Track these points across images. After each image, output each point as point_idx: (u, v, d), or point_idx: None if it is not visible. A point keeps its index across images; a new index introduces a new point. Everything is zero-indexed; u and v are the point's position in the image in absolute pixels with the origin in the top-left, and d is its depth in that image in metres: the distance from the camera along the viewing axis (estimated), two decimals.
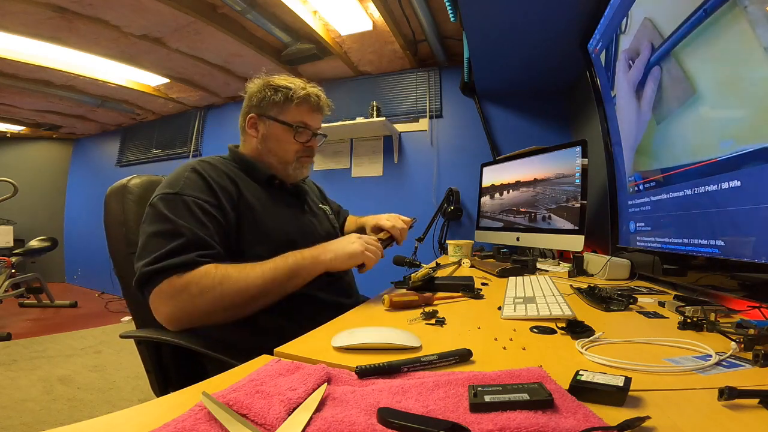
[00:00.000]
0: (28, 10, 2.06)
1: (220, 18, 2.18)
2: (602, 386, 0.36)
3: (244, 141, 0.99)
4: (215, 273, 0.68)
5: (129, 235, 0.86)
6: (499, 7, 1.47)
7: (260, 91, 0.93)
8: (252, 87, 0.96)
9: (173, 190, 0.76)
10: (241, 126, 0.98)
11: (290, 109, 0.93)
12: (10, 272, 3.13)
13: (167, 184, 0.79)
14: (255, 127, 0.95)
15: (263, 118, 0.94)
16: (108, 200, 0.90)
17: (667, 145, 0.99)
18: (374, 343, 0.50)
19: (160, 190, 0.78)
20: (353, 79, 2.89)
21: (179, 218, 0.71)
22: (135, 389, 1.85)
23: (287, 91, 0.92)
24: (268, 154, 0.94)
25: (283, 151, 0.94)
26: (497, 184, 1.97)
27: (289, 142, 0.94)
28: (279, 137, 0.93)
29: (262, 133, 0.94)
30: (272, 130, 0.93)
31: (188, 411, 0.32)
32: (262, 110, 0.93)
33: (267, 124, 0.94)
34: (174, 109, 3.74)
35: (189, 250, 0.69)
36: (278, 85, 0.93)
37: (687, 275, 0.90)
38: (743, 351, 0.49)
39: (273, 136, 0.94)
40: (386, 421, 0.30)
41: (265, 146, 0.94)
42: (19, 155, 4.72)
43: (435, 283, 0.93)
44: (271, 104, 0.92)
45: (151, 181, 0.95)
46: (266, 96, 0.92)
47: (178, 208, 0.73)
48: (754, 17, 0.65)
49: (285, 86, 0.92)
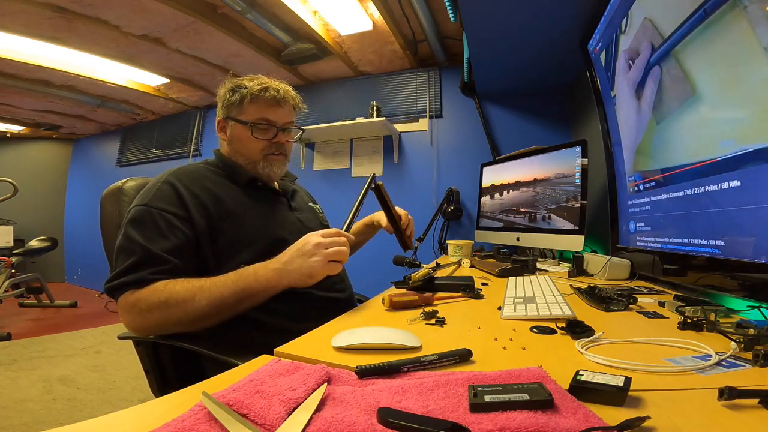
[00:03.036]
0: (28, 10, 2.06)
1: (220, 18, 2.18)
2: (602, 386, 0.36)
3: (221, 145, 1.00)
4: (162, 291, 0.69)
5: None
6: (499, 7, 1.47)
7: (224, 94, 0.94)
8: (220, 91, 0.97)
9: (143, 202, 0.78)
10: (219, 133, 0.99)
11: (248, 108, 0.92)
12: (10, 272, 3.13)
13: (141, 195, 0.81)
14: (224, 130, 0.96)
15: (228, 120, 0.94)
16: (103, 202, 0.91)
17: (667, 145, 0.99)
18: (374, 343, 0.50)
19: (135, 201, 0.80)
20: (353, 79, 2.89)
21: (139, 234, 0.74)
22: (135, 389, 1.85)
23: (243, 90, 0.91)
24: (237, 156, 0.95)
25: (248, 151, 0.93)
26: (497, 184, 1.97)
27: (250, 140, 0.92)
28: (240, 137, 0.93)
29: (229, 135, 0.95)
30: (234, 131, 0.94)
31: (188, 411, 0.32)
32: (226, 112, 0.94)
33: (230, 126, 0.94)
34: (174, 109, 3.74)
35: (141, 268, 0.71)
36: (236, 85, 0.93)
37: (687, 275, 0.90)
38: (743, 351, 0.49)
39: (236, 136, 0.94)
40: (386, 421, 0.30)
41: (233, 148, 0.95)
42: (19, 155, 4.72)
43: (435, 283, 0.93)
44: (231, 105, 0.93)
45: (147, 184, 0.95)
46: (227, 98, 0.93)
47: (142, 222, 0.75)
48: (754, 17, 0.65)
49: (242, 85, 0.92)
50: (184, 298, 0.69)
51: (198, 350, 0.68)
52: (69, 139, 4.83)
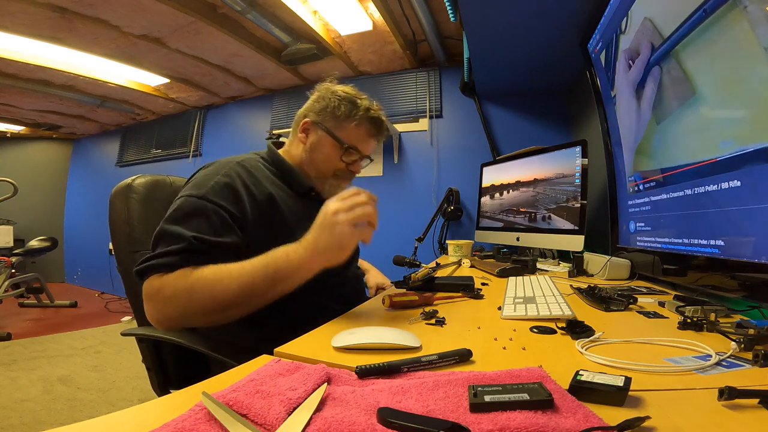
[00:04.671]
0: (28, 10, 2.06)
1: (220, 18, 2.18)
2: (602, 386, 0.36)
3: (291, 142, 0.94)
4: (189, 275, 0.64)
5: (132, 233, 0.87)
6: (499, 7, 1.47)
7: (324, 98, 0.89)
8: (319, 90, 0.92)
9: (199, 192, 0.73)
10: (295, 129, 0.93)
11: (348, 127, 0.88)
12: (10, 272, 3.13)
13: (196, 184, 0.76)
14: (306, 132, 0.90)
15: (318, 126, 0.89)
16: (113, 199, 0.91)
17: (667, 145, 0.99)
18: (374, 343, 0.50)
19: (189, 189, 0.75)
20: (353, 79, 2.89)
21: (185, 227, 0.68)
22: (135, 389, 1.85)
23: (351, 107, 0.88)
24: (309, 165, 0.90)
25: (325, 167, 0.89)
26: (497, 184, 1.97)
27: (333, 159, 0.88)
28: (326, 151, 0.88)
29: (311, 142, 0.89)
30: (322, 141, 0.88)
31: (188, 411, 0.32)
32: (320, 118, 0.89)
33: (319, 135, 0.89)
34: (174, 109, 3.74)
35: (174, 254, 0.66)
36: (344, 96, 0.89)
37: (687, 275, 0.90)
38: (743, 351, 0.49)
39: (320, 148, 0.88)
40: (386, 421, 0.30)
41: (309, 156, 0.89)
42: (19, 155, 4.72)
43: (435, 283, 0.93)
44: (331, 115, 0.88)
45: (156, 181, 0.96)
46: (328, 105, 0.88)
47: (194, 216, 0.70)
48: (754, 17, 0.65)
49: (350, 100, 0.88)
50: (212, 282, 0.64)
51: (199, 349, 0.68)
52: (69, 139, 4.83)
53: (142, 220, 0.89)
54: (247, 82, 3.09)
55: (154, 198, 0.93)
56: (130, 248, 0.86)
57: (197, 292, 0.64)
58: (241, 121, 3.42)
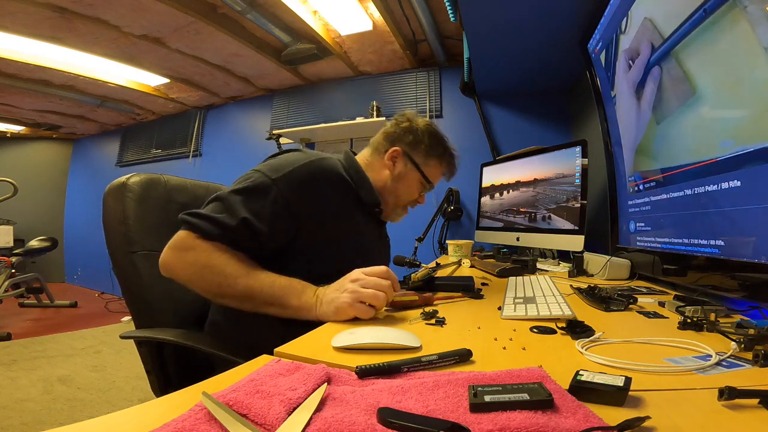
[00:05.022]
0: (28, 10, 2.06)
1: (220, 18, 2.18)
2: (602, 386, 0.36)
3: (372, 163, 0.96)
4: (212, 256, 0.69)
5: (129, 233, 0.85)
6: (499, 7, 1.47)
7: (415, 131, 0.94)
8: (409, 120, 0.96)
9: (273, 175, 0.75)
10: (379, 149, 0.96)
11: (432, 165, 0.96)
12: (10, 272, 3.13)
13: (275, 166, 0.78)
14: (394, 161, 0.94)
15: (406, 158, 0.94)
16: (106, 198, 0.88)
17: (667, 145, 0.99)
18: (374, 343, 0.50)
19: (266, 168, 0.77)
20: (353, 79, 2.89)
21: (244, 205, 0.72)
22: (135, 389, 1.85)
23: (440, 148, 0.97)
24: (390, 191, 0.94)
25: (405, 197, 0.96)
26: (497, 184, 1.97)
27: (415, 192, 0.97)
28: (409, 183, 0.95)
29: (399, 171, 0.94)
30: (409, 174, 0.94)
31: (188, 411, 0.32)
32: (411, 150, 0.94)
33: (407, 167, 0.94)
34: (174, 109, 3.74)
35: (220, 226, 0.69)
36: (437, 136, 0.97)
37: (687, 275, 0.90)
38: (743, 351, 0.49)
39: (405, 179, 0.94)
40: (386, 421, 0.30)
41: (394, 185, 0.94)
42: (19, 155, 4.72)
43: (435, 283, 0.93)
44: (422, 152, 0.94)
45: (151, 180, 0.94)
46: (421, 141, 0.94)
47: (256, 195, 0.74)
48: (754, 17, 0.65)
49: (440, 141, 0.97)
50: (224, 273, 0.68)
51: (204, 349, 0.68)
52: (69, 139, 4.83)
53: (138, 219, 0.87)
54: (247, 82, 3.09)
55: (150, 197, 0.91)
56: (127, 249, 0.84)
57: (209, 273, 0.69)
58: (241, 121, 3.42)
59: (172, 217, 0.94)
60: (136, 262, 0.83)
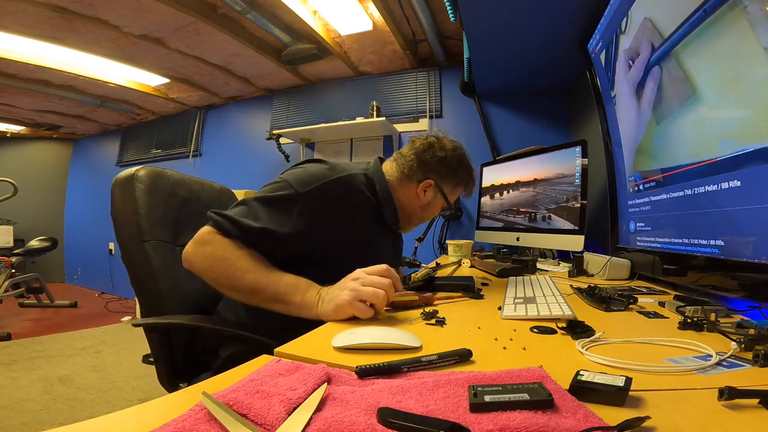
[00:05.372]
0: (28, 10, 2.06)
1: (220, 18, 2.18)
2: (602, 386, 0.36)
3: (403, 187, 0.96)
4: (226, 250, 0.73)
5: (141, 223, 0.88)
6: (499, 7, 1.47)
7: (452, 165, 0.97)
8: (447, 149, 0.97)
9: (301, 188, 0.78)
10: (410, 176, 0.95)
11: (457, 191, 1.02)
12: (10, 272, 3.13)
13: (305, 179, 0.79)
14: (425, 191, 0.97)
15: (438, 189, 0.97)
16: (115, 190, 0.91)
17: (667, 145, 0.99)
18: (374, 343, 0.50)
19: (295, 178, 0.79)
20: (353, 79, 2.89)
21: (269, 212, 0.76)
22: (135, 389, 1.85)
23: (468, 178, 1.01)
24: (417, 217, 0.99)
25: (426, 219, 1.02)
26: (497, 184, 1.97)
27: (436, 213, 1.03)
28: (434, 209, 1.00)
29: (429, 201, 0.97)
30: (437, 202, 0.99)
31: (188, 411, 0.32)
32: (443, 182, 0.97)
33: (437, 198, 0.98)
34: (174, 109, 3.74)
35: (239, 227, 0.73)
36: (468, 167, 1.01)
37: (687, 275, 0.90)
38: (743, 351, 0.49)
39: (434, 206, 1.00)
40: (386, 421, 0.30)
41: (422, 212, 0.99)
42: (19, 155, 4.72)
43: (435, 283, 0.93)
44: (452, 183, 0.99)
45: (157, 173, 0.97)
46: (456, 174, 0.98)
47: (282, 202, 0.77)
48: (754, 17, 0.65)
49: (471, 171, 1.02)
50: (237, 267, 0.72)
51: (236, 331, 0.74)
52: (69, 139, 4.83)
53: (148, 210, 0.90)
54: (247, 82, 3.09)
55: (157, 189, 0.94)
56: (139, 238, 0.86)
57: (221, 265, 0.72)
58: (241, 121, 3.42)
59: (175, 210, 0.97)
60: (148, 250, 0.86)
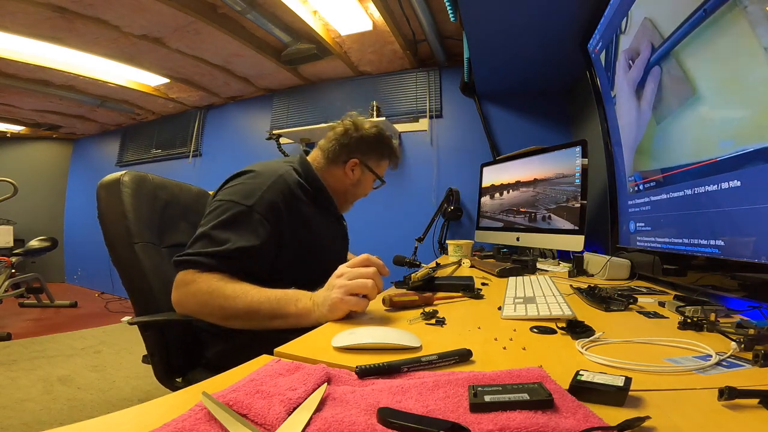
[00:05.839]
0: (28, 10, 2.06)
1: (220, 18, 2.18)
2: (602, 386, 0.36)
3: (330, 171, 1.03)
4: (211, 283, 0.74)
5: (130, 225, 0.90)
6: (499, 7, 1.47)
7: (369, 141, 1.03)
8: (357, 128, 1.03)
9: (248, 202, 0.81)
10: (335, 159, 1.02)
11: (383, 165, 1.07)
12: (10, 272, 3.13)
13: (245, 192, 0.83)
14: (353, 170, 1.03)
15: (364, 166, 1.03)
16: (101, 193, 0.93)
17: (667, 145, 0.99)
18: (374, 343, 0.50)
19: (236, 196, 0.82)
20: (353, 79, 2.89)
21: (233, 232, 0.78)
22: (135, 389, 1.85)
23: (389, 150, 1.06)
24: (349, 194, 1.05)
25: (360, 195, 1.06)
26: (497, 184, 1.97)
27: (368, 189, 1.07)
28: (365, 186, 1.05)
29: (358, 178, 1.04)
30: (365, 178, 1.04)
31: (188, 411, 0.32)
32: (366, 158, 1.03)
33: (364, 173, 1.04)
34: (174, 109, 3.74)
35: (213, 256, 0.75)
36: (386, 142, 1.05)
37: (687, 275, 0.90)
38: (743, 351, 0.49)
39: (364, 183, 1.05)
40: (386, 421, 0.30)
41: (354, 189, 1.05)
42: (19, 155, 4.71)
43: (435, 283, 0.93)
44: (375, 157, 1.04)
45: (140, 177, 1.00)
46: (375, 148, 1.03)
47: (240, 223, 0.79)
48: (754, 17, 0.65)
49: (389, 144, 1.06)
50: (225, 296, 0.73)
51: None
52: (69, 139, 4.83)
53: (136, 213, 0.92)
54: (247, 82, 3.09)
55: (141, 193, 0.97)
56: (129, 240, 0.88)
57: (210, 298, 0.73)
58: (241, 121, 3.42)
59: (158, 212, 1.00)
60: (138, 252, 0.88)
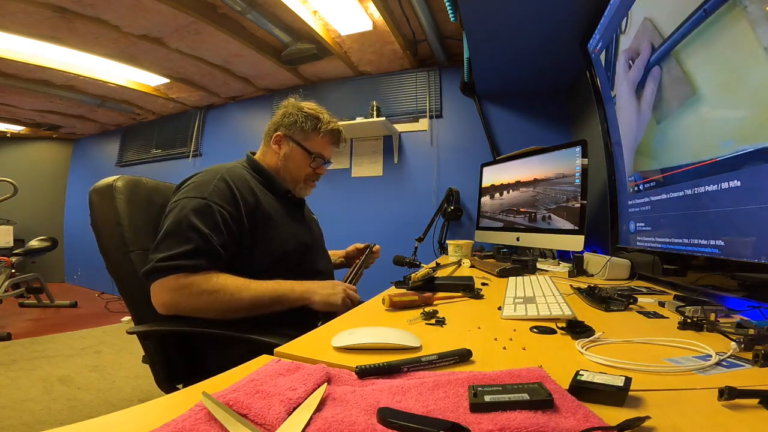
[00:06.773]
0: (28, 10, 2.06)
1: (220, 18, 2.18)
2: (602, 386, 0.36)
3: (265, 152, 1.07)
4: (215, 281, 0.78)
5: (124, 234, 0.87)
6: (499, 7, 1.47)
7: (292, 114, 1.03)
8: (286, 106, 1.06)
9: (202, 195, 0.83)
10: (266, 137, 1.07)
11: (315, 139, 1.04)
12: (10, 272, 3.13)
13: (197, 187, 0.86)
14: (279, 144, 1.04)
15: (288, 139, 1.03)
16: (93, 199, 0.90)
17: (667, 145, 0.99)
18: (374, 343, 0.50)
19: (189, 192, 0.85)
20: (353, 79, 2.89)
21: (202, 224, 0.79)
22: (135, 389, 1.85)
23: (316, 122, 1.04)
24: (284, 171, 1.04)
25: (297, 173, 1.05)
26: (497, 184, 1.97)
27: (305, 166, 1.04)
28: (297, 160, 1.04)
29: (284, 153, 1.04)
30: (294, 153, 1.03)
31: (188, 411, 0.32)
32: (290, 132, 1.03)
33: (291, 146, 1.03)
34: (174, 109, 3.74)
35: (199, 256, 0.78)
36: (309, 113, 1.04)
37: (687, 275, 0.90)
38: (743, 351, 0.49)
39: (293, 158, 1.04)
40: (386, 421, 0.30)
41: (284, 165, 1.04)
42: (19, 155, 4.71)
43: (435, 283, 0.93)
44: (299, 128, 1.03)
45: (134, 182, 0.96)
46: (297, 120, 1.03)
47: (204, 214, 0.81)
48: (754, 17, 0.65)
49: (315, 116, 1.04)
50: (232, 291, 0.78)
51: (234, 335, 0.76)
52: (69, 139, 4.83)
53: (130, 220, 0.89)
54: (247, 82, 3.09)
55: (136, 199, 0.94)
56: (124, 249, 0.86)
57: (216, 296, 0.77)
58: (241, 121, 3.42)
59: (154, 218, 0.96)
60: (134, 260, 0.86)
